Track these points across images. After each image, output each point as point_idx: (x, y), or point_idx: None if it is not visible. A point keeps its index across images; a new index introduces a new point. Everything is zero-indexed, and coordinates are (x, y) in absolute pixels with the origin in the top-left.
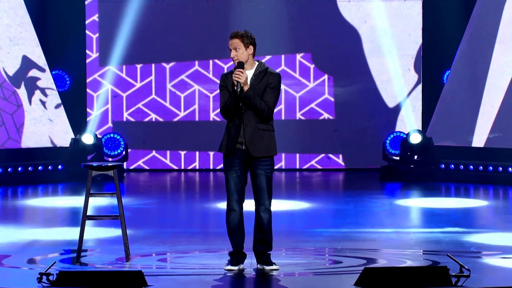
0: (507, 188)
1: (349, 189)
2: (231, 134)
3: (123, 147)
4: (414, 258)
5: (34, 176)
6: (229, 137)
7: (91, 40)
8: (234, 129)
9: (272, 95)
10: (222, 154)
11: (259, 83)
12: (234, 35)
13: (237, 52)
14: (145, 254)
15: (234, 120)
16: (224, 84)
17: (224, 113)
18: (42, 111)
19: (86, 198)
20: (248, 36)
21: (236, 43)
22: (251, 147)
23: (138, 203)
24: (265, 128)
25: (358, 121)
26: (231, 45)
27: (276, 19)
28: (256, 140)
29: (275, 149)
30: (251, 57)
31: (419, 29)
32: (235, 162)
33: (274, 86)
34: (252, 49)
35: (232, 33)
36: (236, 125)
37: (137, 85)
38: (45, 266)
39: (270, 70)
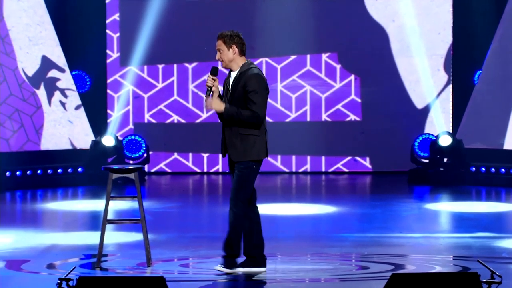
0: None
1: (376, 192)
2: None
3: (144, 149)
4: (444, 264)
5: (54, 179)
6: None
7: (111, 39)
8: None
9: (254, 101)
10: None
11: (238, 85)
12: (218, 36)
13: (221, 53)
14: (166, 259)
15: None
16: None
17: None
18: (62, 113)
19: (106, 202)
20: (229, 35)
21: (218, 45)
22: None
23: (159, 206)
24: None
25: (386, 122)
26: (216, 47)
27: (301, 17)
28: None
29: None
30: (237, 57)
31: (449, 28)
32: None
33: (253, 90)
34: (235, 48)
35: (218, 34)
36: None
37: (159, 86)
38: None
39: (249, 72)
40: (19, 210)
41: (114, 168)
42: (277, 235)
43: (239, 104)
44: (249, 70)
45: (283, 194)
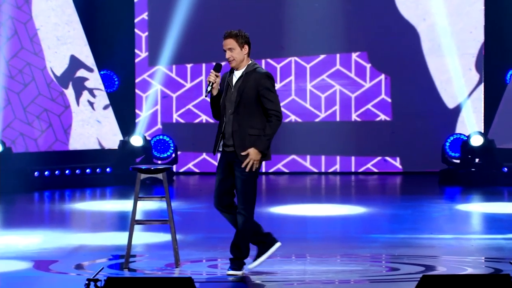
0: None
1: (406, 193)
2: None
3: (173, 149)
4: (475, 265)
5: (82, 179)
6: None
7: (140, 39)
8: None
9: (271, 99)
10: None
11: (246, 86)
12: (227, 35)
13: (232, 53)
14: (195, 260)
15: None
16: (221, 82)
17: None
18: (90, 112)
19: (134, 202)
20: (242, 35)
21: (230, 44)
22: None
23: (188, 207)
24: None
25: (416, 122)
26: (225, 46)
27: (330, 16)
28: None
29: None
30: (246, 57)
31: (481, 27)
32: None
33: (267, 88)
34: (247, 48)
35: (225, 33)
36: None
37: (187, 86)
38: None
39: (258, 71)
40: (47, 210)
41: (142, 168)
42: (306, 236)
43: (250, 104)
44: (256, 69)
45: (312, 194)
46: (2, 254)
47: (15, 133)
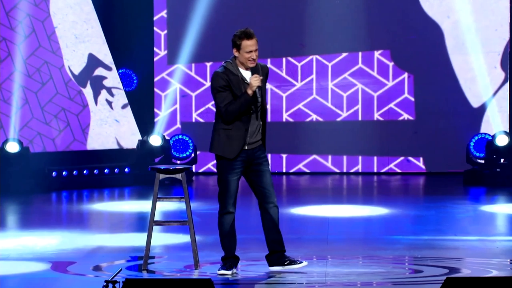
0: None
1: (430, 194)
2: (235, 136)
3: (192, 149)
4: (501, 267)
5: (100, 179)
6: (233, 140)
7: (159, 37)
8: (237, 131)
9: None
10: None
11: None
12: (254, 35)
13: (256, 53)
14: (214, 261)
15: (236, 123)
16: (227, 84)
17: (232, 115)
18: (109, 112)
19: (153, 203)
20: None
21: (256, 44)
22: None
23: (207, 208)
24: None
25: (440, 122)
26: (251, 46)
27: (353, 14)
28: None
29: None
30: None
31: (507, 24)
32: (237, 165)
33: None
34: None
35: (251, 32)
36: (239, 127)
37: (207, 84)
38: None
39: (260, 64)
40: (65, 211)
41: (161, 168)
42: (327, 237)
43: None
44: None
45: (334, 195)
46: (19, 255)
47: (32, 133)
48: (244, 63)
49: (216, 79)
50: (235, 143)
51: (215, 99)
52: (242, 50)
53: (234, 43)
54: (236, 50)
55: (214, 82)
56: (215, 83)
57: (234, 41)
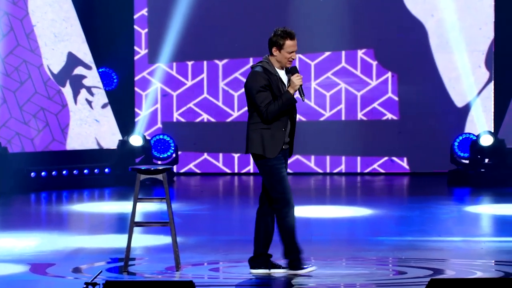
0: None
1: (414, 194)
2: (276, 136)
3: (173, 149)
4: (485, 269)
5: (80, 180)
6: (275, 139)
7: (139, 36)
8: (276, 131)
9: None
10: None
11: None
12: (295, 35)
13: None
14: (196, 263)
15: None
16: (268, 83)
17: (273, 115)
18: (88, 111)
19: (134, 204)
20: None
21: (296, 44)
22: (290, 147)
23: (188, 209)
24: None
25: (424, 121)
26: (294, 46)
27: (336, 12)
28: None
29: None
30: None
31: (491, 23)
32: (282, 161)
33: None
34: None
35: (293, 32)
36: (278, 127)
37: (188, 84)
38: (91, 275)
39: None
40: (44, 212)
41: (142, 168)
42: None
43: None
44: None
45: (317, 196)
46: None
47: (11, 133)
48: (283, 62)
49: (258, 79)
50: (277, 143)
51: (255, 99)
52: (284, 50)
53: (275, 42)
54: (276, 49)
55: (255, 81)
56: (256, 83)
57: (275, 40)
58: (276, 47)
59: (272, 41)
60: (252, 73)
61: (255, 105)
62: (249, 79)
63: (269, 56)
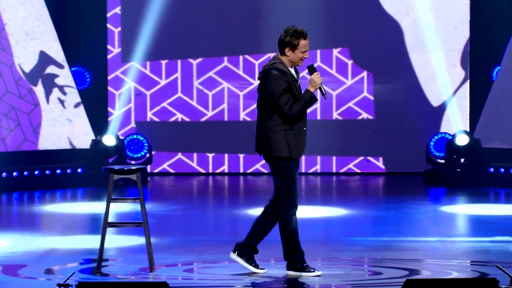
0: None
1: (389, 194)
2: (299, 137)
3: (147, 149)
4: (461, 269)
5: (52, 180)
6: (298, 141)
7: (112, 34)
8: (298, 132)
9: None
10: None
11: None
12: (307, 35)
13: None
14: (170, 264)
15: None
16: (288, 85)
17: (296, 116)
18: (61, 111)
19: (107, 204)
20: None
21: (308, 44)
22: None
23: (162, 209)
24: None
25: (400, 121)
26: (307, 45)
27: (311, 11)
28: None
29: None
30: None
31: (466, 22)
32: (298, 164)
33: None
34: None
35: (305, 32)
36: (299, 128)
37: (162, 83)
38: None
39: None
40: (15, 212)
41: (115, 168)
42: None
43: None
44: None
45: None
46: None
47: None
48: (296, 62)
49: (278, 82)
50: (301, 143)
51: (278, 102)
52: (298, 50)
53: (288, 42)
54: (289, 50)
55: (277, 84)
56: (278, 85)
57: (288, 40)
58: (289, 47)
59: (285, 42)
60: (270, 76)
61: (277, 108)
62: (269, 83)
63: (280, 55)
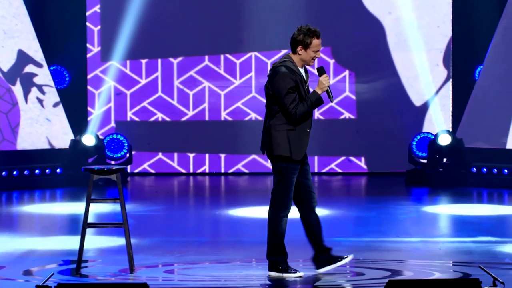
0: None
1: (372, 194)
2: (301, 138)
3: (127, 149)
4: (443, 269)
5: (31, 181)
6: (301, 141)
7: (92, 33)
8: (301, 132)
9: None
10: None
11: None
12: (320, 35)
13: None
14: (150, 265)
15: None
16: (296, 84)
17: (301, 116)
18: (39, 110)
19: (87, 205)
20: None
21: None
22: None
23: (143, 209)
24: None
25: (382, 121)
26: (319, 45)
27: (292, 10)
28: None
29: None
30: None
31: (449, 21)
32: (298, 165)
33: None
34: None
35: (318, 31)
36: (303, 128)
37: (142, 82)
38: (42, 278)
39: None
40: None
41: (95, 169)
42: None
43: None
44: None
45: None
46: None
47: None
48: (307, 61)
49: (286, 80)
50: (302, 144)
51: (283, 100)
52: (310, 49)
53: (301, 41)
54: (302, 48)
55: (284, 83)
56: (284, 84)
57: (300, 39)
58: (302, 46)
59: (297, 40)
60: (279, 73)
61: (282, 106)
62: (276, 80)
63: (292, 54)
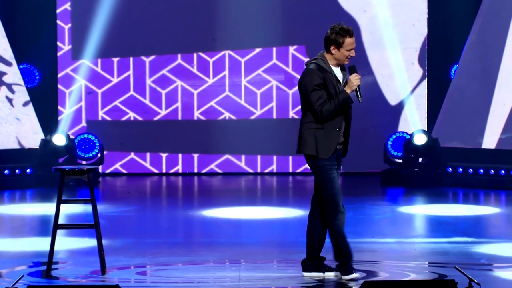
0: None
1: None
2: (329, 136)
3: (98, 149)
4: (419, 270)
5: (0, 181)
6: (328, 140)
7: (62, 31)
8: (330, 131)
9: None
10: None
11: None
12: (353, 33)
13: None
14: (122, 266)
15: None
16: (323, 82)
17: (327, 115)
18: (9, 109)
19: (57, 205)
20: None
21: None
22: (344, 147)
23: (114, 210)
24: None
25: (357, 120)
26: (353, 43)
27: (267, 8)
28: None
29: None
30: None
31: (424, 19)
32: (334, 162)
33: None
34: None
35: (352, 30)
36: (332, 127)
37: (114, 81)
38: (12, 280)
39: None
40: None
41: (65, 169)
42: (241, 240)
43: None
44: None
45: (248, 196)
46: None
47: None
48: (341, 60)
49: (313, 77)
50: (331, 143)
51: (309, 97)
52: (343, 48)
53: (333, 40)
54: (335, 48)
55: (310, 79)
56: (311, 80)
57: (333, 38)
58: (335, 45)
59: (330, 39)
60: (307, 70)
61: (309, 104)
62: (303, 77)
63: (325, 53)
